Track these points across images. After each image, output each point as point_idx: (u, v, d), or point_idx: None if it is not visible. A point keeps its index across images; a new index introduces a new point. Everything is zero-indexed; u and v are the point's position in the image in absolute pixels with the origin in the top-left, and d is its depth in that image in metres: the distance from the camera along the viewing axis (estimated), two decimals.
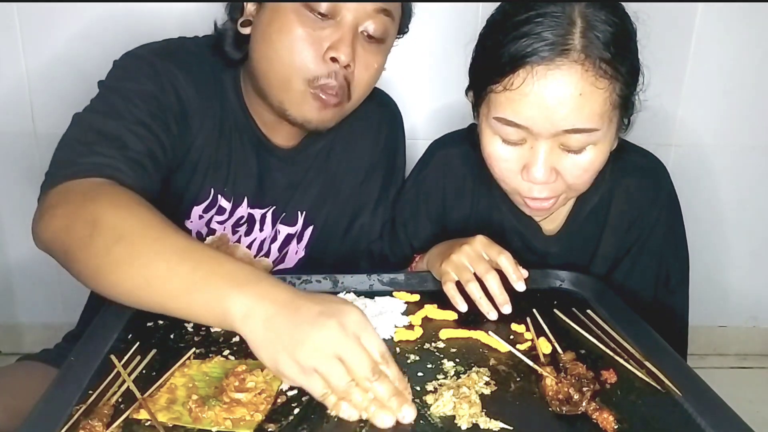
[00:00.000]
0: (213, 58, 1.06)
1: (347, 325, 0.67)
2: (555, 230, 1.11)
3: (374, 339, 0.69)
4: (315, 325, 0.66)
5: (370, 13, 0.97)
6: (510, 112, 0.89)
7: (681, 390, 0.73)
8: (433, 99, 1.62)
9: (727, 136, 1.79)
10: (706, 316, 1.99)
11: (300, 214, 1.16)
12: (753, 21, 1.68)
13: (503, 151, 0.93)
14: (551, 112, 0.86)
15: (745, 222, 1.89)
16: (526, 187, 0.94)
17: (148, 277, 0.73)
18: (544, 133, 0.88)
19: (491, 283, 0.92)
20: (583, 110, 0.86)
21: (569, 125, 0.87)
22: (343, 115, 1.05)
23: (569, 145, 0.89)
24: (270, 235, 1.15)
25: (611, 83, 0.88)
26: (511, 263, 0.94)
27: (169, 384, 0.73)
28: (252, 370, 0.75)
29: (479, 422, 0.68)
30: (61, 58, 1.57)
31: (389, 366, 0.69)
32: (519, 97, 0.87)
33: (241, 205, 1.11)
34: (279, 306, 0.68)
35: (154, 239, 0.75)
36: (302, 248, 1.18)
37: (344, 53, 0.95)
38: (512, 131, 0.90)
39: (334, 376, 0.65)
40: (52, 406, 0.69)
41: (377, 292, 0.98)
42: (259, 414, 0.69)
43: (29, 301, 1.86)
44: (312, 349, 0.65)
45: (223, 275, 0.71)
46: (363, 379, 0.66)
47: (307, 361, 0.65)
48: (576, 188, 0.97)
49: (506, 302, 0.91)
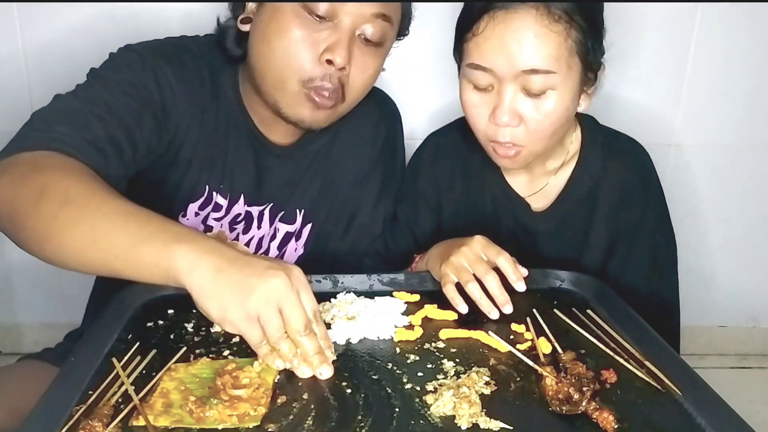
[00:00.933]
0: (212, 57, 1.07)
1: (292, 281, 0.74)
2: (544, 208, 1.14)
3: (310, 298, 0.77)
4: (264, 277, 0.73)
5: (368, 17, 0.97)
6: (477, 56, 0.98)
7: (681, 390, 0.73)
8: (433, 99, 1.62)
9: (727, 136, 1.79)
10: (706, 316, 1.99)
11: (299, 212, 1.17)
12: (753, 21, 1.68)
13: (474, 98, 1.02)
14: (509, 53, 0.95)
15: (745, 222, 1.89)
16: (493, 130, 1.01)
17: (94, 236, 0.76)
18: (506, 75, 0.96)
19: (491, 284, 0.92)
20: (538, 51, 0.94)
21: (526, 65, 0.95)
22: (338, 116, 1.06)
23: (530, 88, 0.96)
24: (269, 233, 1.16)
25: (566, 29, 0.95)
26: (510, 263, 0.95)
27: (161, 389, 0.73)
28: (243, 367, 0.75)
29: (479, 422, 0.68)
30: (63, 56, 1.57)
31: (318, 325, 0.77)
32: (482, 41, 0.97)
33: (238, 203, 1.11)
34: (227, 260, 0.73)
35: (100, 202, 0.78)
36: (301, 246, 1.19)
37: (340, 56, 0.96)
38: (480, 75, 0.99)
39: (272, 325, 0.73)
40: (52, 406, 0.69)
41: (377, 292, 0.98)
42: (262, 408, 0.69)
43: (29, 301, 1.86)
44: (260, 298, 0.72)
45: (167, 232, 0.75)
46: (295, 332, 0.74)
47: (255, 308, 0.72)
48: (538, 138, 1.01)
49: (507, 302, 0.92)
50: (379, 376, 0.77)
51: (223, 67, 1.07)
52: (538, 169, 1.14)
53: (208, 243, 0.75)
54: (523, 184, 1.16)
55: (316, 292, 0.96)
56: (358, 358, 0.82)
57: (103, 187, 0.81)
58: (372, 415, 0.70)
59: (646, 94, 1.72)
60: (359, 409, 0.71)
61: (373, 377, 0.77)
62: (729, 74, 1.73)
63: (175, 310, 0.91)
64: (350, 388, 0.75)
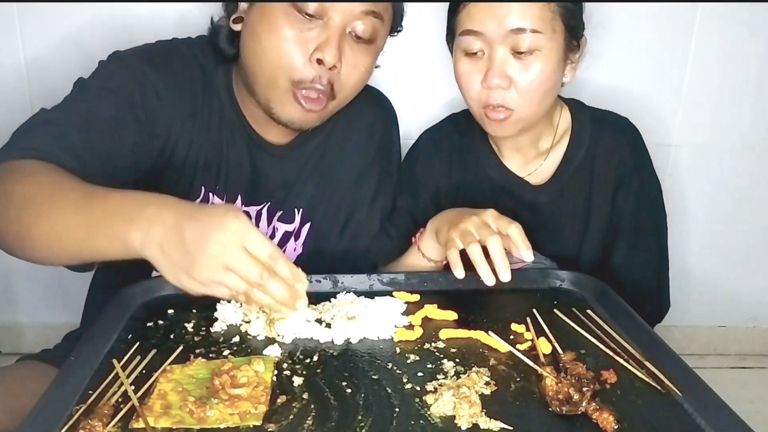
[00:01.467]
0: (204, 57, 1.07)
1: (228, 239, 0.70)
2: (543, 182, 1.17)
3: (259, 243, 0.72)
4: (200, 247, 0.70)
5: (358, 14, 0.98)
6: (468, 22, 1.05)
7: (681, 390, 0.73)
8: (429, 99, 1.61)
9: (726, 136, 1.79)
10: (706, 316, 1.98)
11: (297, 211, 1.17)
12: (753, 21, 1.68)
13: (467, 65, 1.07)
14: (498, 15, 1.02)
15: (745, 222, 1.89)
16: (485, 94, 1.06)
17: (55, 232, 0.78)
18: (496, 36, 1.02)
19: (493, 246, 0.92)
20: (524, 12, 1.01)
21: (514, 24, 1.01)
22: (330, 113, 1.06)
23: (518, 47, 1.02)
24: (267, 232, 1.16)
25: None
26: (521, 232, 0.95)
27: (159, 390, 0.73)
28: (239, 366, 0.76)
29: (479, 422, 0.68)
30: (62, 54, 1.57)
31: (278, 263, 0.73)
32: (473, 7, 1.04)
33: (235, 203, 1.12)
34: (166, 229, 0.72)
35: (57, 198, 0.79)
36: (300, 245, 1.19)
37: (330, 55, 0.96)
38: (472, 40, 1.05)
39: (231, 283, 0.72)
40: (52, 406, 0.69)
41: (377, 292, 0.98)
42: (263, 406, 0.70)
43: (29, 301, 1.86)
44: (204, 269, 0.70)
45: (113, 213, 0.75)
46: (255, 284, 0.72)
47: (204, 277, 0.71)
48: (527, 102, 1.05)
49: (506, 268, 0.91)
50: (379, 376, 0.77)
51: (216, 67, 1.08)
52: (531, 150, 1.17)
53: (148, 212, 0.74)
54: (519, 166, 1.18)
55: (316, 292, 0.97)
56: (358, 358, 0.82)
57: (59, 181, 0.82)
58: (372, 415, 0.70)
59: (645, 94, 1.72)
60: (359, 409, 0.71)
61: (373, 377, 0.77)
62: (729, 74, 1.72)
63: (175, 310, 0.91)
64: (350, 388, 0.75)
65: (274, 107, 1.01)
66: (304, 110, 1.00)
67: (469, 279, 1.02)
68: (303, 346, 0.84)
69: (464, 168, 1.22)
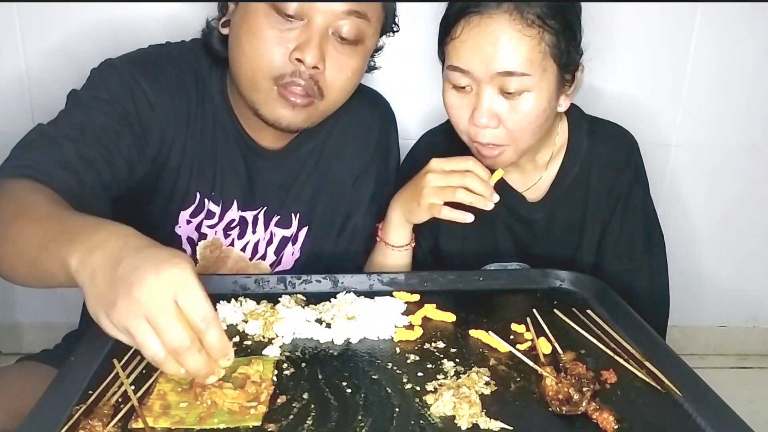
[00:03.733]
0: (198, 61, 1.06)
1: (161, 285, 0.60)
2: (538, 198, 1.17)
3: (195, 300, 0.61)
4: (127, 286, 0.60)
5: (340, 14, 0.96)
6: (455, 58, 1.01)
7: (681, 390, 0.73)
8: (427, 99, 1.61)
9: (726, 136, 1.79)
10: (706, 316, 1.99)
11: (294, 216, 1.16)
12: (753, 21, 1.68)
13: (455, 99, 1.05)
14: (485, 55, 0.98)
15: (745, 222, 1.89)
16: (474, 131, 1.04)
17: (16, 250, 0.74)
18: (483, 76, 0.99)
19: (474, 184, 0.99)
20: (512, 54, 0.97)
21: (501, 68, 0.97)
22: (321, 115, 1.04)
23: (506, 88, 0.99)
24: (264, 238, 1.15)
25: (539, 33, 0.97)
26: (479, 164, 1.01)
27: (158, 390, 0.73)
28: (236, 368, 0.76)
29: (479, 422, 0.68)
30: (62, 59, 1.57)
31: (210, 332, 0.62)
32: (460, 44, 1.00)
33: (231, 208, 1.11)
34: (104, 258, 0.63)
35: (21, 217, 0.76)
36: (297, 249, 1.18)
37: (310, 55, 0.94)
38: (459, 76, 1.01)
39: (142, 338, 0.60)
40: (52, 406, 0.69)
41: (377, 292, 0.98)
42: (263, 406, 0.70)
43: (29, 301, 1.86)
44: (122, 311, 0.60)
45: (64, 233, 0.69)
46: (171, 350, 0.60)
47: (118, 320, 0.60)
48: (518, 138, 1.03)
49: (493, 192, 1.00)
50: (379, 376, 0.77)
51: (210, 71, 1.07)
52: (529, 165, 1.16)
53: (97, 236, 0.65)
54: (518, 180, 1.18)
55: (316, 292, 0.98)
56: (358, 358, 0.82)
57: (38, 201, 0.79)
58: (372, 415, 0.70)
59: (645, 94, 1.72)
60: (359, 409, 0.71)
61: (373, 377, 0.77)
62: (729, 74, 1.73)
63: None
64: (350, 388, 0.75)
65: (259, 108, 1.00)
66: (290, 105, 0.98)
67: (469, 279, 1.03)
68: (303, 346, 0.84)
69: None
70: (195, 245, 1.10)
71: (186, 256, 0.64)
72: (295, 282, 1.00)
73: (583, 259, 1.16)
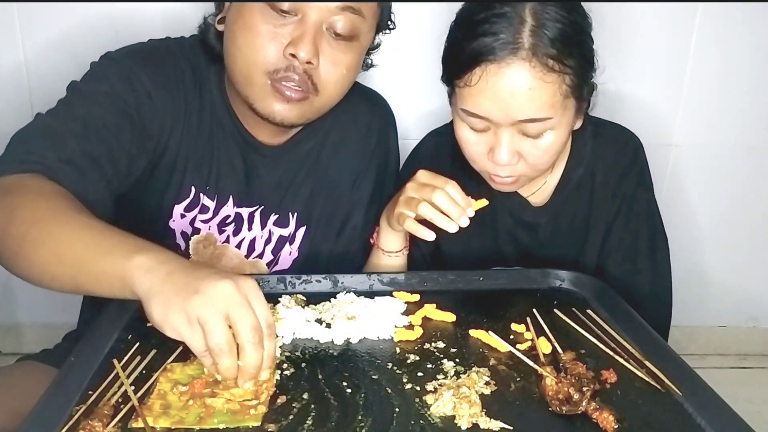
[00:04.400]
0: (196, 57, 1.07)
1: (241, 288, 0.69)
2: (543, 203, 1.16)
3: (264, 308, 0.71)
4: (210, 280, 0.69)
5: (334, 10, 0.96)
6: (471, 104, 0.97)
7: (681, 390, 0.73)
8: (427, 99, 1.61)
9: (726, 136, 1.79)
10: (706, 316, 1.99)
11: (292, 215, 1.16)
12: (753, 21, 1.68)
13: (471, 136, 1.02)
14: (505, 105, 0.94)
15: (745, 222, 1.89)
16: (492, 167, 1.02)
17: (59, 253, 0.77)
18: (503, 122, 0.96)
19: (438, 200, 0.95)
20: (534, 102, 0.94)
21: (523, 116, 0.94)
22: (317, 112, 1.04)
23: (527, 132, 0.97)
24: (261, 235, 1.14)
25: (560, 76, 0.94)
26: (458, 190, 0.97)
27: (158, 390, 0.73)
28: None
29: (479, 422, 0.68)
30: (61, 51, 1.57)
31: (269, 339, 0.71)
32: (476, 92, 0.95)
33: (227, 204, 1.11)
34: (180, 266, 0.71)
35: (64, 222, 0.79)
36: (295, 249, 1.17)
37: (304, 50, 0.94)
38: (476, 121, 0.98)
39: (217, 334, 0.67)
40: (52, 406, 0.69)
41: (377, 292, 0.98)
42: (262, 406, 0.70)
43: (29, 301, 1.86)
44: (204, 300, 0.67)
45: (127, 243, 0.75)
46: (245, 341, 0.68)
47: (196, 310, 0.67)
48: (538, 168, 1.03)
49: (462, 214, 0.94)
50: (379, 376, 0.77)
51: (207, 66, 1.07)
52: None
53: (167, 254, 0.73)
54: None
55: (316, 292, 0.98)
56: (358, 358, 0.82)
57: (70, 206, 0.82)
58: (372, 415, 0.70)
59: (646, 94, 1.72)
60: (359, 409, 0.71)
61: (373, 377, 0.77)
62: (729, 74, 1.73)
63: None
64: (350, 388, 0.75)
65: (254, 103, 1.01)
66: (285, 99, 0.98)
67: (469, 279, 1.03)
68: (303, 346, 0.84)
69: (465, 181, 1.18)
70: (188, 240, 1.10)
71: None
72: (295, 282, 1.00)
73: (586, 262, 1.15)
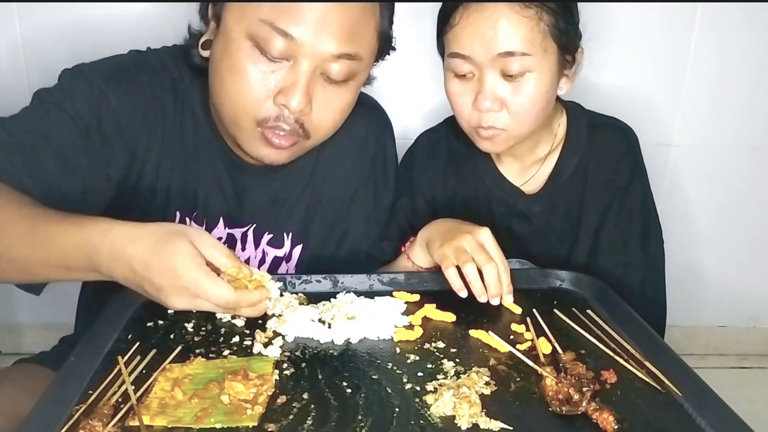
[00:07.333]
0: (178, 70, 1.01)
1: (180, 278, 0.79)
2: (536, 191, 1.17)
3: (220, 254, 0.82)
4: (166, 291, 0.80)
5: (329, 58, 0.89)
6: (455, 45, 1.03)
7: (681, 390, 0.73)
8: (426, 99, 1.62)
9: (726, 136, 1.79)
10: (706, 316, 1.99)
11: (286, 235, 1.11)
12: (753, 21, 1.68)
13: (457, 86, 1.06)
14: (485, 39, 0.99)
15: (745, 222, 1.89)
16: (477, 117, 1.05)
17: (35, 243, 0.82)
18: (484, 60, 1.01)
19: (489, 274, 0.93)
20: (511, 35, 0.99)
21: (502, 49, 0.99)
22: (306, 150, 1.00)
23: (508, 71, 1.00)
24: (256, 256, 1.10)
25: (537, 13, 0.99)
26: (509, 273, 0.95)
27: (157, 389, 0.73)
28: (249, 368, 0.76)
29: (479, 422, 0.68)
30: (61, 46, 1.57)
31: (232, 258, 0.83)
32: (459, 30, 1.02)
33: (217, 227, 1.06)
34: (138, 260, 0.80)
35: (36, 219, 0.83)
36: (292, 267, 1.13)
37: (296, 100, 0.89)
38: (460, 63, 1.03)
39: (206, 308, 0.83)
40: (52, 406, 0.69)
41: (377, 292, 0.98)
42: (259, 407, 0.70)
43: (29, 301, 1.83)
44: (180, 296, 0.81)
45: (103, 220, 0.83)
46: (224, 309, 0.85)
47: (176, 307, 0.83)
48: (521, 119, 1.04)
49: (498, 295, 0.93)
50: (379, 376, 0.77)
51: (191, 81, 1.00)
52: (529, 157, 1.16)
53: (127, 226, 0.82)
54: (516, 173, 1.18)
55: (315, 292, 0.97)
56: (358, 358, 0.82)
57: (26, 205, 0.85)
58: (372, 415, 0.70)
59: (646, 93, 1.72)
60: (359, 409, 0.71)
61: (373, 377, 0.77)
62: (729, 74, 1.73)
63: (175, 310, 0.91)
64: (350, 388, 0.75)
65: (242, 145, 0.96)
66: (273, 148, 0.94)
67: None
68: (303, 346, 0.84)
69: (460, 175, 1.22)
70: None
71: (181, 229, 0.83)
72: (295, 282, 1.00)
73: (580, 252, 1.16)
